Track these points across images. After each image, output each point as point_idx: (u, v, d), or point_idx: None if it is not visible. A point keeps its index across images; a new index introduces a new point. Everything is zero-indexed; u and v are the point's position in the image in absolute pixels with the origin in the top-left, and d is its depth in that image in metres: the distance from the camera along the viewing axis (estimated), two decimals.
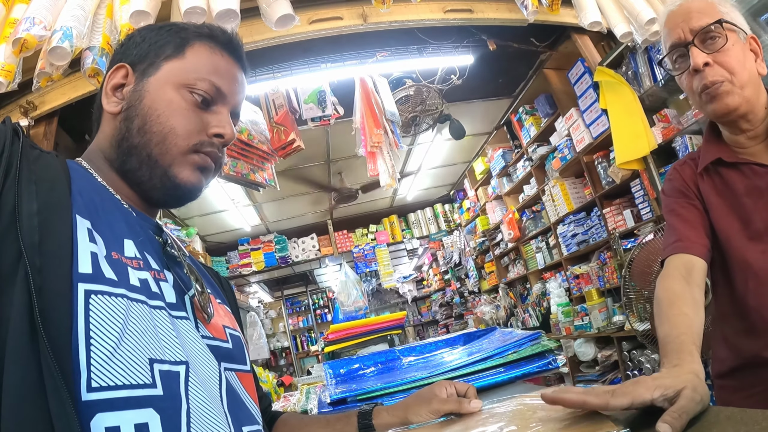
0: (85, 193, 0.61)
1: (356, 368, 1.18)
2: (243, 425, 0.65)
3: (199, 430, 0.55)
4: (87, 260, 0.54)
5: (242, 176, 2.88)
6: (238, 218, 6.05)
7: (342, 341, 1.83)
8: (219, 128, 0.72)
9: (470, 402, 0.71)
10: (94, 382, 0.49)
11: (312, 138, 3.92)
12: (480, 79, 3.87)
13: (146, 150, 0.68)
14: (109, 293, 0.54)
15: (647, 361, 3.22)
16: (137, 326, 0.55)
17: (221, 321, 0.74)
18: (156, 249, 0.68)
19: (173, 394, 0.55)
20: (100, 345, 0.51)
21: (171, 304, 0.64)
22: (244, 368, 0.75)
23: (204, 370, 0.63)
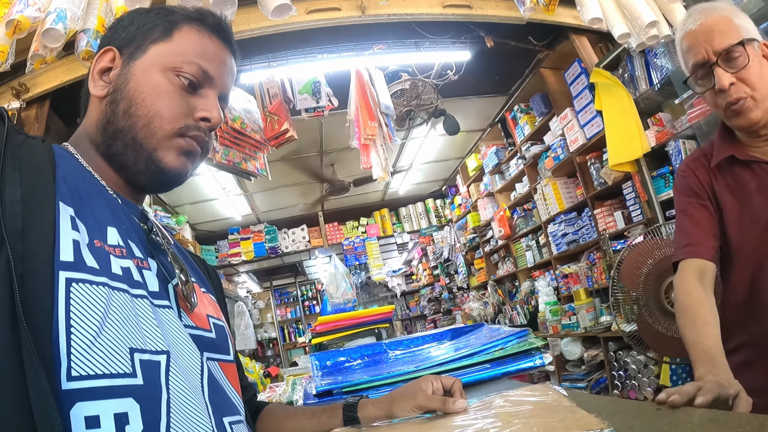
0: (69, 180, 0.60)
1: (343, 360, 1.18)
2: (224, 416, 0.64)
3: (179, 421, 0.55)
4: (69, 248, 0.53)
5: (234, 165, 2.86)
6: (228, 207, 6.02)
7: (329, 333, 1.83)
8: (205, 112, 0.71)
9: (455, 402, 0.70)
10: (74, 371, 0.49)
11: (305, 129, 3.90)
12: (476, 76, 3.86)
13: (131, 133, 0.67)
14: (90, 281, 0.54)
15: (633, 362, 3.26)
16: (118, 315, 0.55)
17: (205, 310, 0.74)
18: (140, 236, 0.67)
19: (153, 383, 0.54)
20: (81, 334, 0.50)
21: (153, 292, 0.63)
22: (227, 358, 0.74)
23: (185, 359, 0.62)
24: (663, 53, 2.92)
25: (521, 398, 0.69)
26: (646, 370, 3.17)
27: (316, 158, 5.24)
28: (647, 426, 0.57)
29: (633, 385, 3.26)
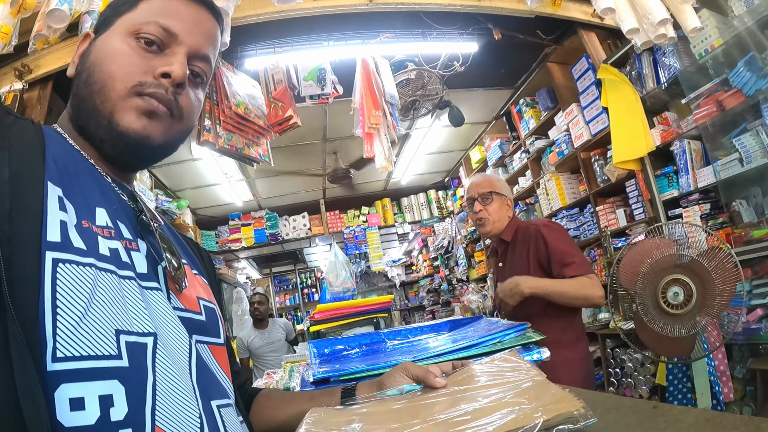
0: (59, 160, 0.59)
1: (341, 349, 1.18)
2: (212, 399, 0.64)
3: (164, 403, 0.55)
4: (56, 229, 0.53)
5: (237, 150, 2.85)
6: (230, 193, 6.01)
7: (328, 321, 1.83)
8: (165, 67, 0.67)
9: (436, 377, 0.71)
10: (59, 352, 0.48)
11: (309, 116, 3.89)
12: (483, 68, 3.84)
13: (91, 101, 0.66)
14: (77, 262, 0.53)
15: (629, 360, 3.26)
16: (105, 296, 0.54)
17: (195, 292, 0.73)
18: (130, 217, 0.67)
19: (139, 366, 0.54)
20: (67, 315, 0.50)
21: (142, 274, 0.62)
22: (217, 341, 0.74)
23: (173, 342, 0.62)
24: (671, 52, 2.91)
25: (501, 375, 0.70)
26: (642, 368, 3.18)
27: (320, 146, 5.22)
28: (643, 424, 0.57)
29: (629, 383, 3.27)
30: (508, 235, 2.14)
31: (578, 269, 1.89)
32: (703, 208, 2.85)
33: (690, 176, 2.88)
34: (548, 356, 0.93)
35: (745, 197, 2.68)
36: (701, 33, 2.64)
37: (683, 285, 2.02)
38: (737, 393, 2.51)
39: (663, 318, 2.05)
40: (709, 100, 2.71)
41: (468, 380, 0.71)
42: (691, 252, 2.05)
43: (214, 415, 0.63)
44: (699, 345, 2.10)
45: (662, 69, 3.00)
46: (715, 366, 2.42)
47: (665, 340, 2.07)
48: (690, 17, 2.50)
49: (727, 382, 2.43)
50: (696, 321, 1.99)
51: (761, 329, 2.40)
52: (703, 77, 2.77)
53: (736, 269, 1.94)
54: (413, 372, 0.75)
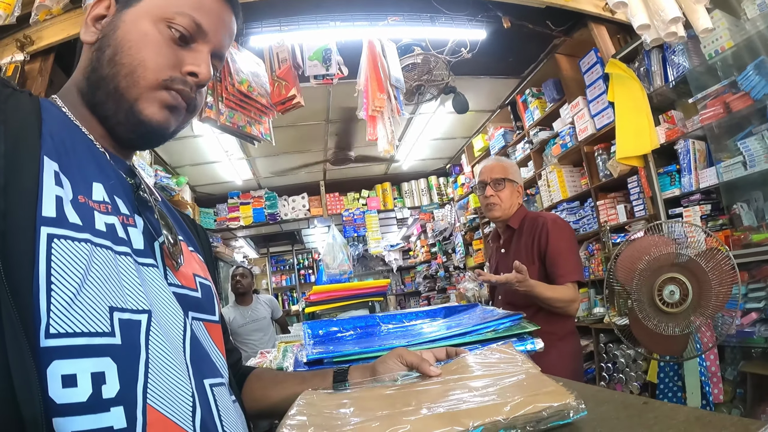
0: (56, 134, 0.58)
1: (335, 331, 1.18)
2: (205, 377, 0.63)
3: (156, 381, 0.54)
4: (51, 204, 0.52)
5: (238, 128, 2.83)
6: (230, 171, 5.98)
7: (323, 303, 1.84)
8: (194, 66, 0.68)
9: (430, 366, 0.71)
10: (52, 329, 0.48)
11: (313, 96, 3.85)
12: (490, 56, 3.80)
13: (114, 82, 0.65)
14: (72, 238, 0.53)
15: (622, 356, 3.29)
16: (100, 272, 0.54)
17: (191, 269, 0.73)
18: (128, 193, 0.66)
19: (132, 343, 0.54)
20: (61, 291, 0.50)
21: (138, 250, 0.62)
22: (212, 319, 0.73)
23: (168, 319, 0.61)
24: (681, 51, 2.88)
25: (495, 366, 0.70)
26: (634, 365, 3.21)
27: (322, 127, 5.19)
28: (633, 419, 0.57)
29: (620, 378, 3.30)
30: (515, 222, 2.16)
31: (569, 272, 1.95)
32: (704, 209, 2.85)
33: (692, 176, 2.88)
34: (542, 347, 0.93)
35: (746, 201, 2.68)
36: (712, 34, 2.62)
37: (679, 284, 2.02)
38: (727, 395, 2.53)
39: (657, 315, 2.06)
40: (716, 102, 2.69)
41: (462, 370, 0.71)
42: (689, 252, 2.05)
43: (207, 395, 0.62)
44: (692, 345, 2.11)
45: (671, 67, 2.98)
46: (707, 366, 2.43)
47: (659, 338, 2.08)
48: (702, 17, 2.47)
49: (717, 383, 2.45)
50: (690, 320, 2.00)
51: (754, 333, 2.41)
52: (711, 78, 2.76)
53: (733, 272, 1.94)
54: (407, 359, 0.75)
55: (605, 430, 0.54)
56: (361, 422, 0.55)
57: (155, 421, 0.53)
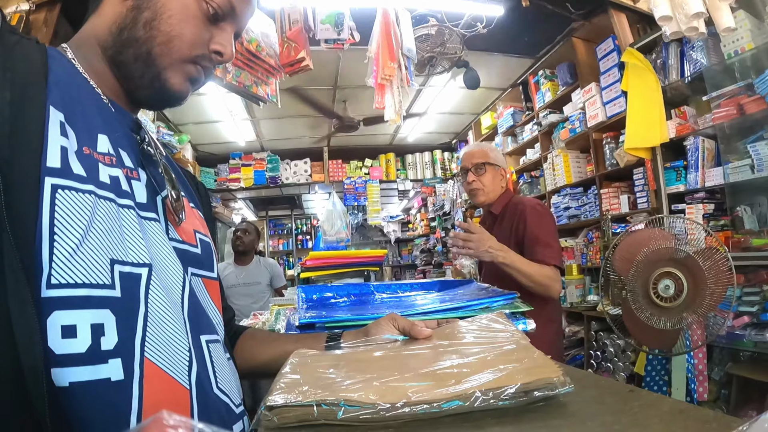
0: (62, 84, 0.57)
1: (329, 296, 1.19)
2: (201, 333, 0.64)
3: (154, 335, 0.55)
4: (56, 154, 0.52)
5: (244, 87, 2.79)
6: (233, 131, 5.93)
7: (319, 269, 1.84)
8: (221, 46, 0.70)
9: (422, 327, 0.73)
10: (54, 279, 0.48)
11: (322, 60, 3.79)
12: (505, 33, 3.73)
13: (147, 46, 0.65)
14: (76, 189, 0.52)
15: (612, 345, 3.33)
16: (102, 225, 0.53)
17: (192, 225, 0.73)
18: (132, 146, 0.66)
19: (132, 296, 0.54)
20: (63, 241, 0.50)
21: (141, 204, 0.62)
22: (211, 275, 0.74)
23: (168, 274, 0.61)
24: (700, 47, 2.85)
25: (486, 334, 0.71)
26: (623, 355, 3.25)
27: (329, 92, 5.13)
28: (617, 404, 0.57)
29: (608, 367, 3.34)
30: (497, 208, 2.16)
31: (547, 257, 1.90)
32: (707, 208, 2.85)
33: (699, 174, 2.87)
34: (533, 328, 0.94)
35: (750, 204, 2.68)
36: (734, 34, 2.58)
37: (675, 279, 2.03)
38: (711, 394, 2.57)
39: (651, 308, 2.07)
40: (730, 102, 2.67)
41: (453, 336, 0.72)
42: (688, 248, 2.05)
43: (203, 350, 0.63)
44: (682, 341, 2.13)
45: (688, 62, 2.95)
46: (694, 364, 2.46)
47: (650, 331, 2.09)
48: (725, 16, 2.42)
49: (703, 381, 2.48)
50: (683, 316, 2.01)
51: (744, 336, 2.43)
52: (728, 78, 2.73)
53: (730, 273, 1.94)
54: (400, 323, 0.76)
55: (588, 412, 0.54)
56: (353, 382, 0.55)
57: (152, 374, 0.53)
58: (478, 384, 0.52)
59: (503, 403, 0.52)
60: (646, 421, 0.51)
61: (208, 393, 0.61)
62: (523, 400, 0.52)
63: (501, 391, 0.51)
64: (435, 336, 0.73)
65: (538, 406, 0.54)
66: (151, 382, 0.53)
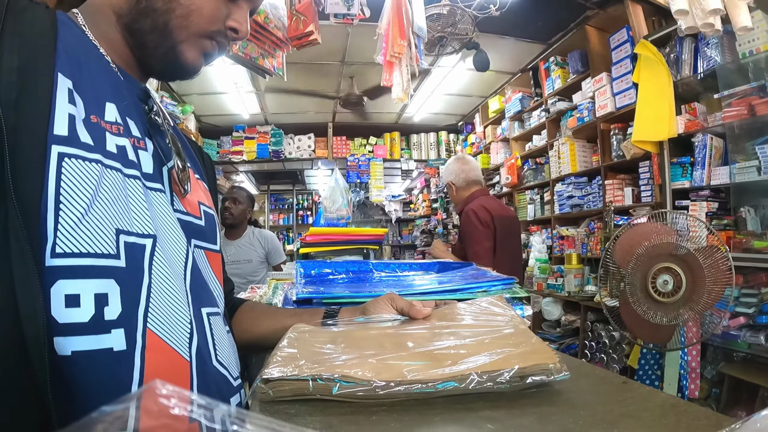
0: (71, 51, 0.56)
1: (327, 272, 1.19)
2: (203, 306, 0.64)
3: (157, 306, 0.55)
4: (64, 122, 0.51)
5: (251, 59, 2.75)
6: (238, 103, 5.86)
7: (319, 245, 1.84)
8: (237, 24, 0.70)
9: (421, 306, 0.74)
10: (58, 248, 0.48)
11: (331, 35, 3.74)
12: (519, 17, 3.68)
13: (165, 17, 0.64)
14: (83, 158, 0.52)
15: (607, 336, 3.35)
16: (108, 194, 0.53)
17: (197, 197, 0.73)
18: (140, 115, 0.65)
19: (136, 267, 0.54)
20: (69, 210, 0.49)
21: (147, 174, 0.61)
22: (213, 248, 0.74)
23: (171, 245, 0.61)
24: (715, 44, 2.81)
25: (485, 316, 0.71)
26: (618, 347, 3.27)
27: (337, 68, 5.06)
28: (610, 395, 0.57)
29: (602, 358, 3.37)
30: (458, 211, 2.72)
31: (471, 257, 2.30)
32: (711, 206, 2.84)
33: (705, 172, 2.85)
34: (530, 314, 0.94)
35: (754, 206, 2.68)
36: (750, 33, 2.54)
37: (674, 275, 2.03)
38: (703, 392, 2.59)
39: (648, 302, 2.08)
40: (741, 102, 2.64)
41: (452, 317, 0.72)
42: (689, 245, 2.04)
43: (204, 323, 0.63)
44: (677, 337, 2.14)
45: (702, 58, 2.91)
46: (688, 361, 2.48)
47: (645, 325, 2.10)
48: (743, 14, 2.38)
49: (695, 379, 2.50)
50: (679, 313, 2.02)
51: (739, 337, 2.45)
52: (740, 77, 2.70)
53: (729, 273, 1.95)
54: (398, 303, 0.76)
55: (581, 401, 0.54)
56: (350, 358, 0.56)
57: (154, 345, 0.53)
58: (475, 366, 0.52)
59: (498, 387, 0.52)
60: (638, 414, 0.51)
61: (208, 365, 0.61)
62: (518, 384, 0.53)
63: (497, 374, 0.51)
64: (433, 317, 0.73)
65: (531, 392, 0.54)
66: (153, 353, 0.53)
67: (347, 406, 0.52)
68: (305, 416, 0.51)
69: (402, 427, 0.48)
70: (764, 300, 2.41)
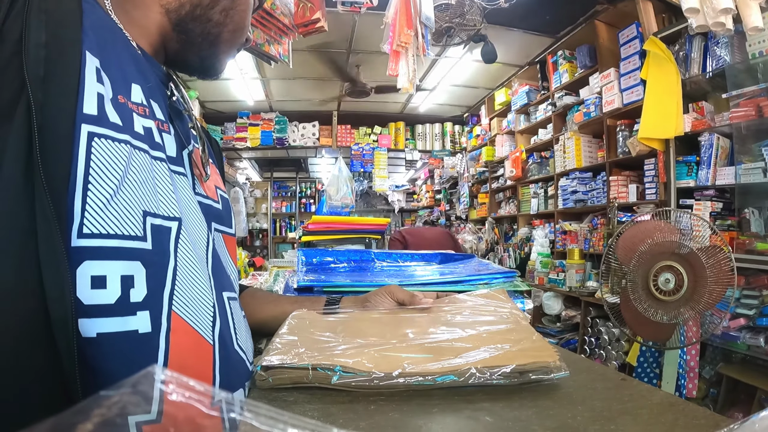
0: (97, 30, 0.55)
1: (329, 261, 1.19)
2: (224, 290, 0.64)
3: (182, 289, 0.54)
4: (93, 101, 0.50)
5: (256, 45, 2.73)
6: (242, 90, 5.83)
7: (321, 234, 1.84)
8: (250, 35, 0.75)
9: (422, 297, 0.75)
10: (86, 228, 0.47)
11: (337, 23, 3.71)
12: (527, 10, 3.65)
13: (218, 30, 0.68)
14: (113, 138, 0.51)
15: (606, 333, 3.36)
16: (137, 176, 0.52)
17: (213, 181, 0.73)
18: (163, 98, 0.65)
19: (162, 249, 0.53)
20: (98, 191, 0.48)
21: (171, 157, 0.61)
22: (230, 231, 0.74)
23: (195, 229, 0.61)
24: (725, 44, 2.79)
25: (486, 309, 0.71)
26: (617, 344, 3.28)
27: (343, 56, 5.02)
28: (609, 391, 0.57)
29: (600, 354, 3.38)
30: None
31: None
32: (715, 206, 2.83)
33: (710, 171, 2.84)
34: (531, 307, 0.94)
35: (758, 207, 2.66)
36: (761, 34, 2.52)
37: (676, 274, 2.03)
38: (700, 391, 2.60)
39: (649, 300, 2.08)
40: (749, 103, 2.63)
41: (453, 310, 0.72)
42: (692, 244, 2.04)
43: (225, 307, 0.63)
44: (677, 336, 2.14)
45: (711, 57, 2.89)
46: (686, 360, 2.48)
47: (646, 322, 2.10)
48: (754, 14, 2.35)
49: (693, 378, 2.51)
50: (680, 312, 2.02)
51: (739, 338, 2.45)
52: (749, 78, 2.68)
53: (731, 273, 1.94)
54: (398, 295, 0.77)
55: (579, 396, 0.54)
56: (350, 348, 0.56)
57: (178, 328, 0.53)
58: (474, 360, 0.52)
59: (498, 382, 0.52)
60: (635, 411, 0.51)
61: (229, 349, 0.61)
62: (517, 380, 0.53)
63: (496, 370, 0.52)
64: (434, 309, 0.73)
65: (530, 386, 0.54)
66: (178, 336, 0.52)
67: (346, 394, 0.52)
68: (304, 404, 0.51)
69: (401, 416, 0.48)
70: (765, 302, 2.41)
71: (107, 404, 0.22)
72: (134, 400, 0.22)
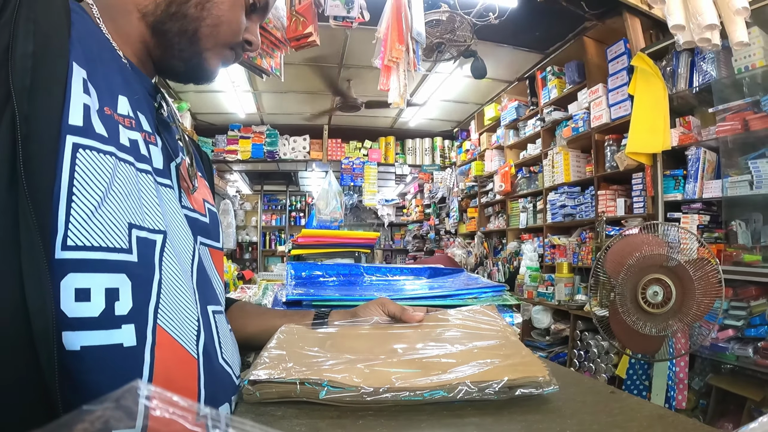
0: (84, 41, 0.55)
1: (318, 275, 1.18)
2: (209, 304, 0.64)
3: (167, 303, 0.54)
4: (79, 112, 0.50)
5: (248, 58, 2.75)
6: (234, 102, 5.84)
7: (310, 247, 1.83)
8: (253, 37, 0.73)
9: (413, 311, 0.75)
10: (69, 241, 0.46)
11: (329, 37, 3.74)
12: (517, 26, 3.71)
13: (195, 25, 0.66)
14: (98, 149, 0.50)
15: (596, 346, 3.36)
16: (122, 188, 0.52)
17: (201, 195, 0.73)
18: (151, 110, 0.65)
19: (147, 262, 0.53)
20: (82, 203, 0.48)
21: (157, 169, 0.61)
22: (217, 245, 0.74)
23: (180, 242, 0.61)
24: (711, 59, 2.84)
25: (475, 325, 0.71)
26: (606, 356, 3.28)
27: (334, 70, 5.06)
28: (598, 405, 0.57)
29: (590, 367, 3.38)
30: None
31: None
32: (702, 219, 2.86)
33: (697, 185, 2.87)
34: (520, 321, 0.94)
35: (745, 220, 2.69)
36: (746, 49, 2.56)
37: (664, 286, 2.04)
38: (690, 403, 2.60)
39: (637, 313, 2.09)
40: (735, 117, 2.67)
41: (442, 325, 0.72)
42: (680, 257, 2.06)
43: (210, 321, 0.63)
44: (666, 348, 2.15)
45: (697, 73, 2.94)
46: (676, 372, 2.49)
47: (635, 335, 2.11)
48: (739, 30, 2.40)
49: (683, 390, 2.52)
50: (668, 324, 2.03)
51: (728, 349, 2.46)
52: (735, 92, 2.73)
53: (719, 285, 1.96)
54: (389, 308, 0.77)
55: (569, 410, 0.54)
56: (338, 363, 0.55)
57: (163, 342, 0.52)
58: (464, 376, 0.52)
59: (487, 397, 0.52)
60: (625, 424, 0.51)
61: (214, 363, 0.60)
62: (507, 395, 0.52)
63: (486, 385, 0.51)
64: (423, 325, 0.73)
65: (519, 400, 0.54)
66: (163, 350, 0.52)
67: (334, 409, 0.51)
68: (292, 419, 0.50)
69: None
70: (753, 313, 2.43)
71: (90, 419, 0.21)
72: (117, 415, 0.22)
